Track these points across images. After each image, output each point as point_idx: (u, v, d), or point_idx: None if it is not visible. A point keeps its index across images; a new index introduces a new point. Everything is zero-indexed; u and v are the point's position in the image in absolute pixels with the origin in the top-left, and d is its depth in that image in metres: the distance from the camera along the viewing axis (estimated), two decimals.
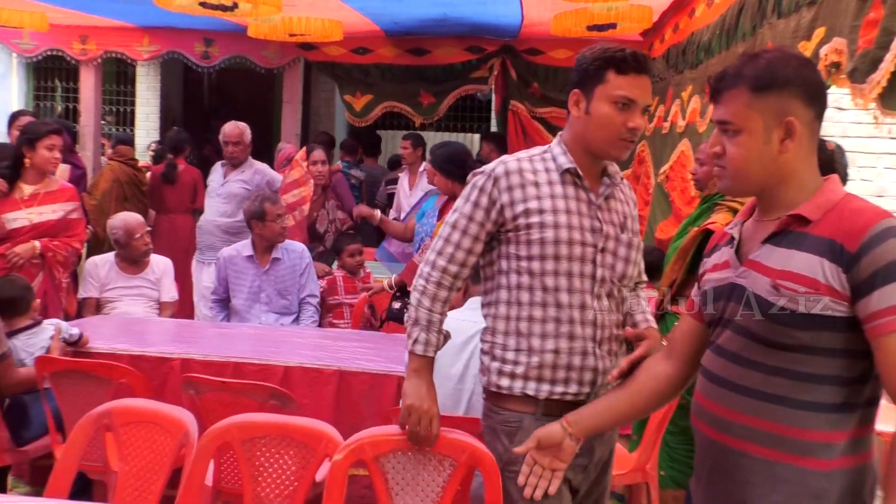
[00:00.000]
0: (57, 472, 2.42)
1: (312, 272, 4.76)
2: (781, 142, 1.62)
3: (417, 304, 2.16)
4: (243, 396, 2.99)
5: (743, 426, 1.65)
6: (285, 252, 4.67)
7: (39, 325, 3.56)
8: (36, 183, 4.57)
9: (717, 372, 1.71)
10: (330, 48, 7.42)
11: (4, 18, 6.45)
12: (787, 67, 1.62)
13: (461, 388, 2.85)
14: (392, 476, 2.30)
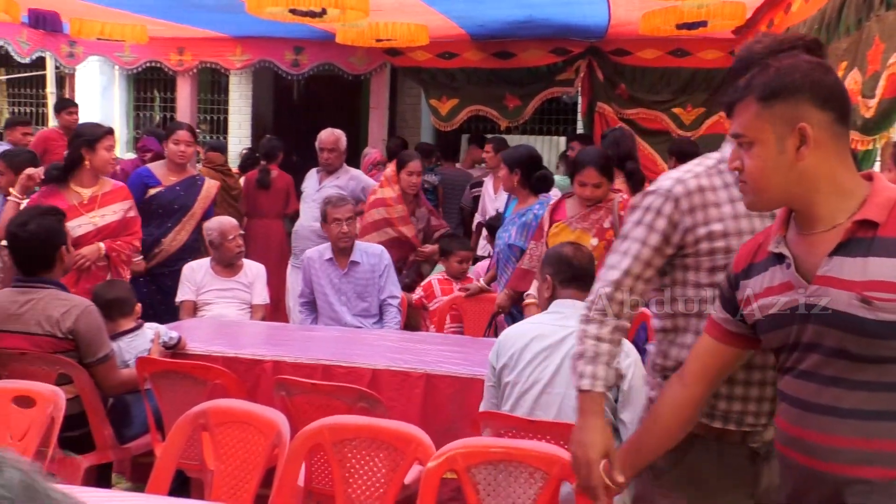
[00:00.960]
0: (157, 470, 2.50)
1: (392, 274, 4.78)
2: (797, 150, 1.56)
3: (583, 335, 1.99)
4: (333, 398, 3.03)
5: (853, 450, 1.54)
6: (364, 255, 4.71)
7: (141, 328, 3.69)
8: (92, 185, 4.50)
9: (808, 398, 1.60)
10: (416, 53, 7.47)
11: (107, 32, 6.73)
12: (795, 73, 1.56)
13: (550, 393, 2.81)
14: (483, 486, 2.29)
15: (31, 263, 3.35)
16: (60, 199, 4.35)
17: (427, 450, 2.41)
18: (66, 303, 3.27)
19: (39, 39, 7.63)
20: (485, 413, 2.91)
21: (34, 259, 3.35)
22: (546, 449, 2.24)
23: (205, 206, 5.27)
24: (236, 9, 5.59)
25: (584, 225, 4.04)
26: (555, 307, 2.97)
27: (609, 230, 4.05)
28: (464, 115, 7.67)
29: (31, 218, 3.42)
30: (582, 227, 4.04)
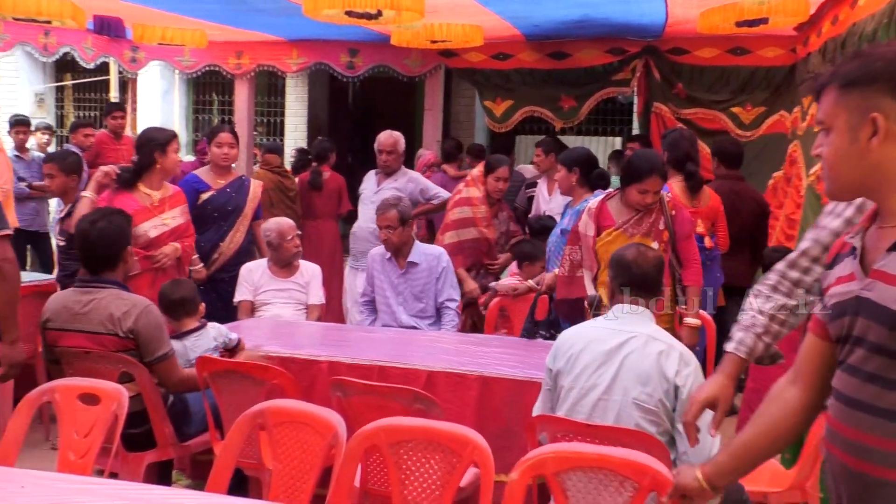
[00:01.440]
0: (216, 469, 2.53)
1: (451, 277, 4.78)
2: (869, 140, 1.54)
3: (748, 305, 2.02)
4: (389, 400, 3.03)
5: (884, 452, 1.52)
6: (423, 256, 4.73)
7: (205, 328, 3.75)
8: (159, 188, 4.60)
9: (850, 394, 1.58)
10: (470, 54, 7.46)
11: (168, 37, 6.87)
12: (878, 62, 1.54)
13: (608, 400, 2.77)
14: (572, 493, 2.26)
15: (96, 262, 3.43)
16: (132, 201, 4.47)
17: (483, 453, 2.39)
18: (126, 302, 3.33)
19: (104, 45, 7.83)
20: (541, 416, 2.88)
21: (100, 257, 3.42)
22: (639, 458, 2.19)
23: (254, 206, 5.30)
24: (293, 12, 5.65)
25: (642, 230, 3.94)
26: (614, 311, 2.93)
27: (665, 231, 3.98)
28: (518, 116, 7.64)
29: (101, 216, 3.50)
30: (640, 232, 3.94)
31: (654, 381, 2.72)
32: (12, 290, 2.94)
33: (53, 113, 11.47)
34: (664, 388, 2.72)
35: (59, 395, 2.75)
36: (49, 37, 7.28)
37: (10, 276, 2.91)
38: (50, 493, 2.05)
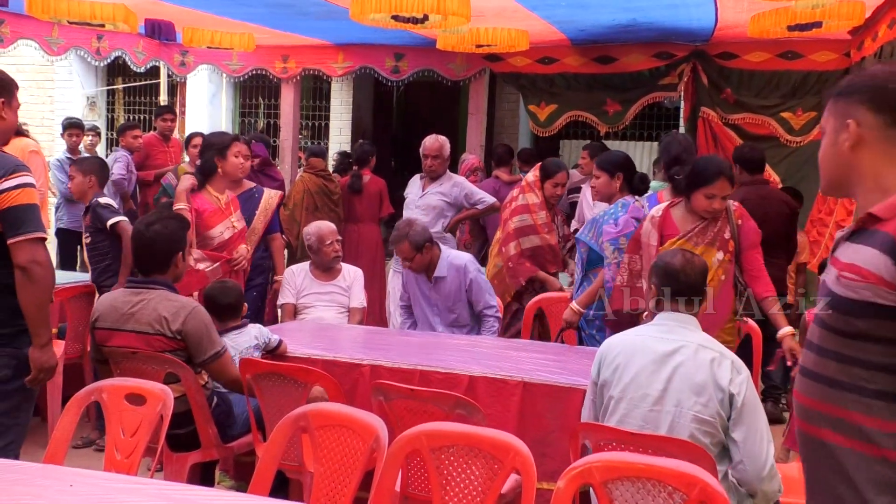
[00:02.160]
0: (259, 470, 2.54)
1: (482, 284, 4.69)
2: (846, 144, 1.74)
3: None
4: (430, 404, 3.02)
5: (820, 414, 1.73)
6: (450, 268, 4.65)
7: (245, 326, 3.80)
8: (223, 191, 4.76)
9: (804, 364, 1.81)
10: (515, 59, 7.44)
11: (217, 41, 6.96)
12: (864, 77, 1.77)
13: (660, 411, 2.72)
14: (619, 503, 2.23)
15: (148, 262, 3.48)
16: (207, 203, 4.63)
17: (525, 460, 2.37)
18: (174, 304, 3.37)
19: (154, 49, 7.97)
20: (585, 424, 2.85)
21: (152, 259, 3.47)
22: (689, 470, 2.15)
23: (266, 220, 5.16)
24: (339, 16, 5.69)
25: (707, 240, 3.84)
26: (660, 319, 2.88)
27: (730, 241, 3.86)
28: (562, 120, 7.59)
29: (157, 220, 3.56)
30: (705, 242, 3.84)
31: (709, 391, 2.68)
32: (41, 294, 2.89)
33: (105, 116, 11.69)
34: (719, 397, 2.68)
35: (107, 394, 2.80)
36: (102, 41, 7.42)
37: (40, 278, 2.87)
38: (98, 492, 2.08)
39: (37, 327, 2.91)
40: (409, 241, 4.55)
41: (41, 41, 7.00)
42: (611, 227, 4.26)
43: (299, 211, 6.93)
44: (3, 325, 2.93)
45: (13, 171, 2.86)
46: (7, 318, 2.92)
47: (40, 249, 2.88)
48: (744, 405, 2.66)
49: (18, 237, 2.83)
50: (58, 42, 7.11)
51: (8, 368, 2.93)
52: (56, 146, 10.07)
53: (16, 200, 2.84)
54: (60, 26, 6.79)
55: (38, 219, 2.90)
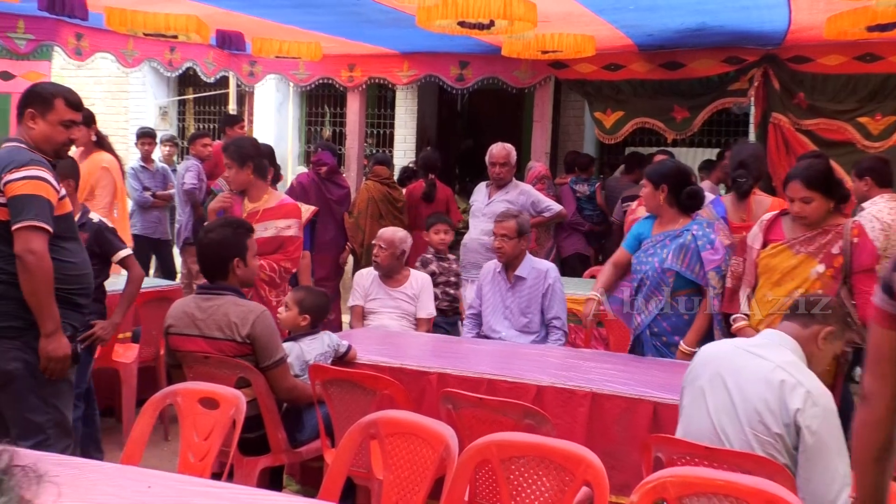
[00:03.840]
0: (329, 477, 2.55)
1: (558, 293, 4.66)
2: None
3: None
4: (499, 414, 3.00)
5: None
6: (531, 271, 4.67)
7: (318, 333, 3.82)
8: (256, 200, 4.54)
9: None
10: (581, 66, 7.38)
11: (285, 50, 7.07)
12: None
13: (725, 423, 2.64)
14: None
15: (209, 269, 3.55)
16: (239, 209, 4.58)
17: (597, 472, 2.33)
18: (243, 309, 3.42)
19: (224, 60, 8.14)
20: (657, 437, 2.79)
21: (211, 266, 3.54)
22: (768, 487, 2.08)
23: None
24: (405, 23, 5.72)
25: (810, 249, 3.74)
26: (764, 335, 2.82)
27: (838, 257, 3.71)
28: (629, 127, 7.49)
29: (216, 227, 3.63)
30: (807, 251, 3.74)
31: (772, 413, 2.54)
32: (37, 283, 2.96)
33: (176, 125, 11.99)
34: (784, 421, 2.52)
35: (181, 398, 2.84)
36: (174, 53, 7.62)
37: (33, 268, 2.94)
38: (174, 494, 2.11)
39: (39, 317, 2.99)
40: (518, 222, 4.63)
41: (117, 54, 7.21)
42: (710, 253, 4.02)
43: (364, 218, 6.98)
44: (12, 317, 3.03)
45: (25, 165, 3.00)
46: (15, 310, 3.02)
47: (35, 238, 2.96)
48: (816, 442, 2.48)
49: (16, 224, 2.96)
50: (133, 54, 7.32)
51: (17, 362, 3.03)
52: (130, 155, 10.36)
53: (20, 190, 2.97)
54: (136, 39, 6.98)
55: (39, 209, 2.98)
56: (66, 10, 5.50)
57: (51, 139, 3.16)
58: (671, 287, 4.10)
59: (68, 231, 3.23)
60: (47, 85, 3.32)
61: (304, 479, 3.97)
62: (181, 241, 7.46)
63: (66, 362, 3.10)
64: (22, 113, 3.18)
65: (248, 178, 4.55)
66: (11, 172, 2.99)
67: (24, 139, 3.16)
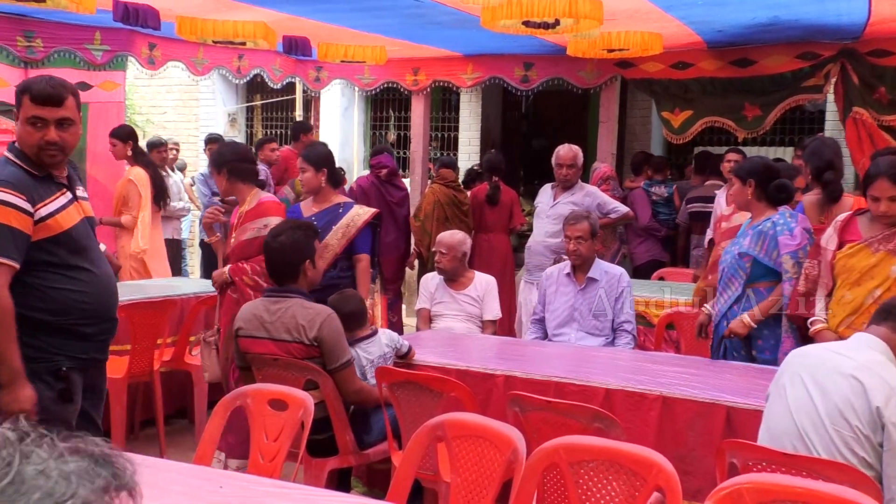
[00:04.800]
0: (396, 479, 2.55)
1: (631, 299, 4.65)
2: None
3: None
4: (567, 417, 2.96)
5: None
6: (603, 273, 4.65)
7: (375, 335, 3.84)
8: (244, 204, 4.34)
9: None
10: (648, 65, 7.25)
11: (350, 54, 7.13)
12: None
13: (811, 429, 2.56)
14: None
15: (278, 273, 3.59)
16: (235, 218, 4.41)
17: (670, 477, 2.27)
18: (311, 311, 3.45)
19: (290, 66, 8.25)
20: (732, 442, 2.71)
21: (281, 269, 3.58)
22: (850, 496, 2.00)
23: (348, 237, 4.57)
24: (470, 24, 5.71)
25: (889, 247, 3.60)
26: (854, 339, 2.73)
27: None
28: (698, 126, 7.32)
29: (284, 230, 3.67)
30: (886, 249, 3.61)
31: (854, 410, 2.49)
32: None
33: (244, 132, 12.22)
34: (867, 418, 2.48)
35: (251, 399, 2.88)
36: (242, 60, 7.75)
37: None
38: (246, 495, 2.13)
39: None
40: (590, 222, 4.65)
41: (188, 62, 7.37)
42: (787, 238, 3.97)
43: (430, 222, 7.00)
44: None
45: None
46: None
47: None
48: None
49: None
50: (202, 62, 7.48)
51: None
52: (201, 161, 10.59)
53: None
54: (205, 47, 7.13)
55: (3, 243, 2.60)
56: (140, 20, 5.65)
57: (23, 140, 2.78)
58: (748, 275, 4.07)
59: (72, 251, 2.82)
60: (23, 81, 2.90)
61: (371, 481, 3.99)
62: None
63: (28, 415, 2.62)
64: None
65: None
66: None
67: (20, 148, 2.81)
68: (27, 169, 2.77)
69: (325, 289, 4.23)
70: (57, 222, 2.76)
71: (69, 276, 2.80)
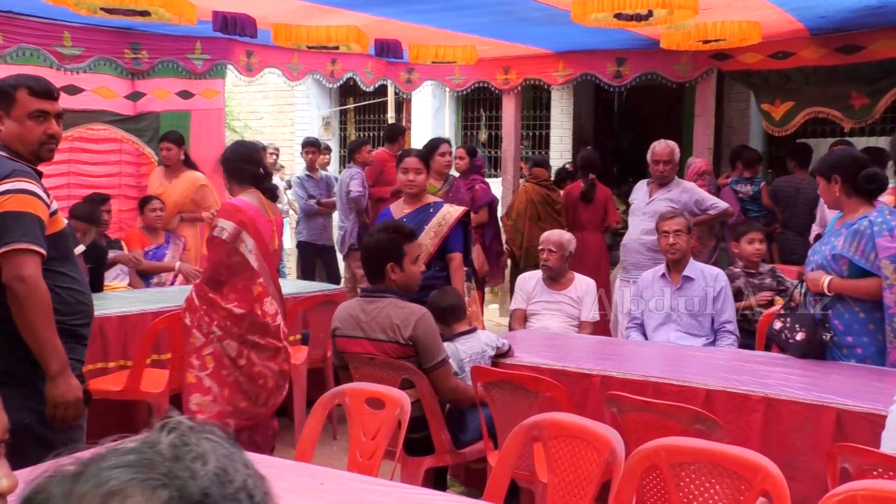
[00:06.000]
0: (493, 478, 2.54)
1: (731, 299, 4.53)
2: None
3: None
4: (667, 418, 2.89)
5: None
6: (700, 273, 4.55)
7: (475, 332, 3.84)
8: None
9: None
10: (745, 55, 7.03)
11: (441, 55, 7.17)
12: None
13: None
14: None
15: (369, 273, 3.65)
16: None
17: (777, 482, 2.19)
18: (405, 311, 3.47)
19: (382, 69, 8.36)
20: (843, 446, 2.60)
21: (370, 269, 3.63)
22: None
23: (440, 236, 4.56)
24: (561, 19, 5.65)
25: None
26: None
27: None
28: (801, 118, 7.06)
29: (375, 232, 3.72)
30: None
31: None
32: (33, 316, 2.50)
33: (337, 135, 12.45)
34: None
35: (349, 398, 2.92)
36: (335, 64, 7.90)
37: (26, 297, 2.48)
38: (345, 492, 2.16)
39: (40, 355, 2.54)
40: (685, 217, 4.66)
41: (283, 68, 7.56)
42: (887, 239, 3.61)
43: (522, 221, 6.97)
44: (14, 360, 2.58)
45: (6, 177, 2.56)
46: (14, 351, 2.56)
47: (26, 263, 2.48)
48: None
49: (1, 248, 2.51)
50: (297, 67, 7.65)
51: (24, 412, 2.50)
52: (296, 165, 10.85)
53: (4, 207, 2.53)
54: (300, 52, 7.29)
55: (27, 228, 2.52)
56: (238, 29, 5.83)
57: (23, 138, 2.69)
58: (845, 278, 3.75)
59: (64, 251, 2.76)
60: (7, 78, 2.80)
61: (468, 480, 3.99)
62: (345, 248, 7.70)
63: (78, 406, 2.63)
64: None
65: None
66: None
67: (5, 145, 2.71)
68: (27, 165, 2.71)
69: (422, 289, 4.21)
70: (59, 220, 2.75)
71: (71, 276, 2.75)
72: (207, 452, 0.74)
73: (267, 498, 0.77)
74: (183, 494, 0.71)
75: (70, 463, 0.73)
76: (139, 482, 0.71)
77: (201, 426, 0.77)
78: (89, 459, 0.73)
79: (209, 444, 0.76)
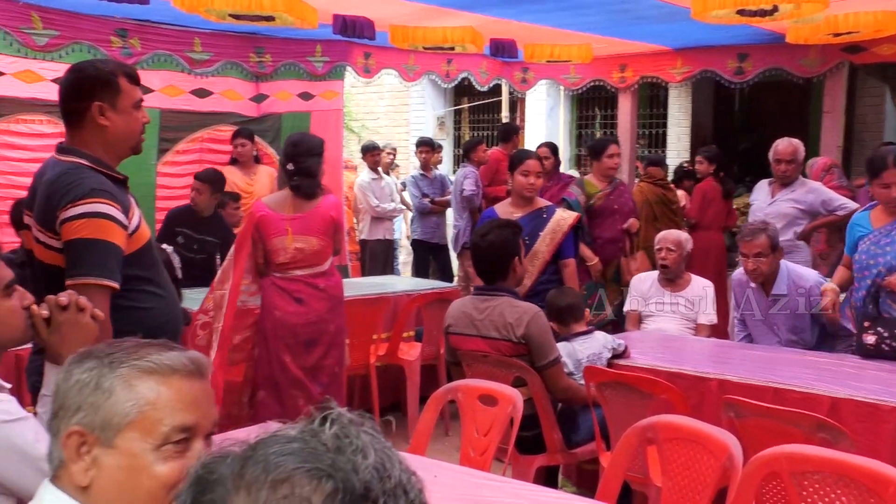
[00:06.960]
0: (605, 479, 2.52)
1: None
2: None
3: None
4: (788, 425, 2.79)
5: None
6: (791, 285, 4.21)
7: (592, 333, 3.82)
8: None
9: None
10: (882, 47, 6.65)
11: (556, 54, 7.12)
12: None
13: None
14: None
15: (488, 272, 3.65)
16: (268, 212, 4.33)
17: None
18: (518, 309, 3.49)
19: (496, 69, 8.38)
20: None
21: (491, 267, 3.64)
22: None
23: (555, 242, 4.51)
24: (679, 16, 5.52)
25: None
26: None
27: None
28: None
29: (491, 230, 3.73)
30: None
31: None
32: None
33: (452, 134, 12.56)
34: None
35: (462, 394, 2.96)
36: (450, 64, 7.97)
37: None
38: (459, 486, 2.20)
39: None
40: (769, 235, 4.14)
41: (400, 69, 7.68)
42: None
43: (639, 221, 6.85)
44: None
45: (84, 196, 2.29)
46: None
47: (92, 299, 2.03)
48: None
49: (71, 279, 2.26)
50: (413, 68, 7.76)
51: None
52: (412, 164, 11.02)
53: (77, 233, 2.28)
54: (416, 53, 7.40)
55: (101, 258, 2.28)
56: (357, 31, 5.97)
57: (132, 131, 2.46)
58: None
59: (148, 265, 2.51)
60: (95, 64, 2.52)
61: (580, 481, 3.97)
62: (459, 246, 7.76)
63: None
64: (83, 112, 2.40)
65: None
66: (68, 208, 2.29)
67: (85, 151, 2.41)
68: (109, 174, 2.42)
69: (535, 294, 4.29)
70: (142, 234, 2.48)
71: (153, 294, 2.50)
72: (367, 446, 0.76)
73: (421, 495, 0.78)
74: (346, 487, 0.72)
75: (237, 445, 0.77)
76: (305, 471, 0.74)
77: (359, 419, 0.80)
78: (256, 444, 0.76)
79: (368, 437, 0.78)
